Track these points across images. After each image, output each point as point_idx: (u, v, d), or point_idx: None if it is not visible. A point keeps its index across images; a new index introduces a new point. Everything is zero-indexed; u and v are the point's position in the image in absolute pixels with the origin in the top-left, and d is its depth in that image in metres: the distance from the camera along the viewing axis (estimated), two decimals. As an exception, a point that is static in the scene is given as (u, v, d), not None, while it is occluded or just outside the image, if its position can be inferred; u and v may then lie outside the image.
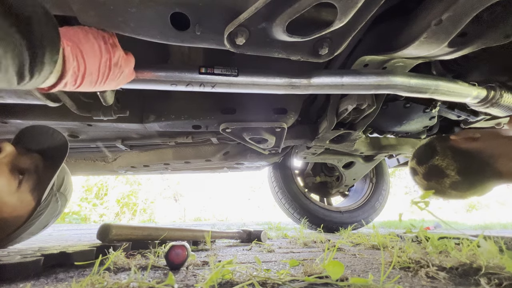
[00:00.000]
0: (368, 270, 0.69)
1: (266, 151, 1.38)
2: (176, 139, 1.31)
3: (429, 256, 0.70)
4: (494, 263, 0.60)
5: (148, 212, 8.07)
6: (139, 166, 1.56)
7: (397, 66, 0.84)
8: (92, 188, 7.12)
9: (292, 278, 0.56)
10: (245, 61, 0.90)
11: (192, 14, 0.54)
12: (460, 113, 1.21)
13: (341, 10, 0.51)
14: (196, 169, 1.91)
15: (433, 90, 0.81)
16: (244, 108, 1.09)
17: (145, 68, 0.69)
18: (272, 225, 2.48)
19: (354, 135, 1.26)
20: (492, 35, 0.66)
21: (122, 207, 7.45)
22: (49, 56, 0.42)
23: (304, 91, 0.77)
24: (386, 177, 2.26)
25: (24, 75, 0.41)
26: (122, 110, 0.92)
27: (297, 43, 0.62)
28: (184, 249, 0.69)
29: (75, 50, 0.48)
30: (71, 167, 1.57)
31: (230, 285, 0.53)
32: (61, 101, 0.78)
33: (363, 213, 2.11)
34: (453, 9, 0.57)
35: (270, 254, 0.97)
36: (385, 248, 1.01)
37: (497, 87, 0.87)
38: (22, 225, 0.73)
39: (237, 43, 0.58)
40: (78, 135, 1.20)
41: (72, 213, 6.06)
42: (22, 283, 0.56)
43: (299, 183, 2.16)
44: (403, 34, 0.72)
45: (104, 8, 0.51)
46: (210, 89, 0.73)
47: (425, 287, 0.53)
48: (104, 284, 0.51)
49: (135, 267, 0.69)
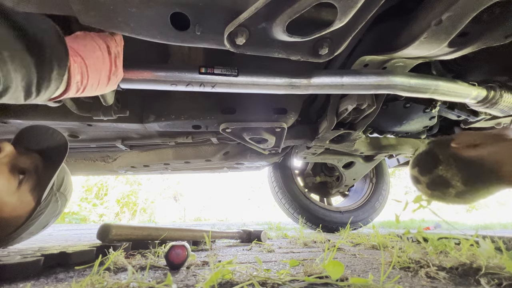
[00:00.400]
0: (368, 270, 0.69)
1: (266, 151, 1.38)
2: (176, 139, 1.31)
3: (429, 256, 0.70)
4: (494, 263, 0.60)
5: (148, 212, 8.07)
6: (139, 166, 1.56)
7: (397, 66, 0.84)
8: (92, 188, 7.12)
9: (292, 278, 0.56)
10: (245, 61, 0.90)
11: (192, 14, 0.54)
12: (460, 113, 1.21)
13: (341, 10, 0.51)
14: (196, 169, 1.91)
15: (433, 90, 0.81)
16: (244, 108, 1.09)
17: (146, 68, 0.69)
18: (272, 225, 2.48)
19: (354, 135, 1.26)
20: (492, 35, 0.66)
21: (122, 207, 7.45)
22: (56, 74, 0.43)
23: (304, 91, 0.77)
24: (386, 177, 2.26)
25: (31, 92, 0.42)
26: (122, 110, 0.92)
27: (297, 43, 0.62)
28: (184, 249, 0.69)
29: (81, 65, 0.49)
30: (71, 167, 1.57)
31: (230, 285, 0.53)
32: (61, 101, 0.78)
33: (363, 213, 2.11)
34: (453, 9, 0.57)
35: (270, 254, 0.97)
36: (385, 248, 1.01)
37: (497, 87, 0.87)
38: (22, 225, 0.73)
39: (237, 43, 0.58)
40: (78, 135, 1.20)
41: (72, 213, 6.06)
42: (22, 283, 0.56)
43: (299, 183, 2.16)
44: (403, 34, 0.72)
45: (104, 8, 0.51)
46: (210, 89, 0.73)
47: (425, 287, 0.53)
48: (104, 284, 0.51)
49: (135, 267, 0.69)
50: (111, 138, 1.29)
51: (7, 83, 0.37)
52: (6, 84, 0.37)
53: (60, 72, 0.44)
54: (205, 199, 9.94)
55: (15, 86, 0.39)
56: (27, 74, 0.39)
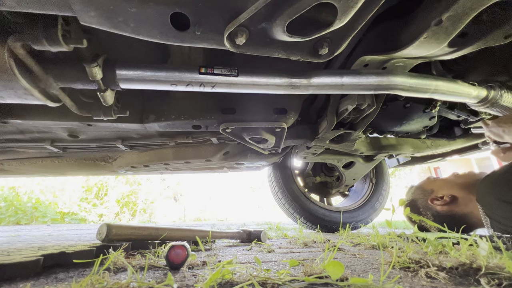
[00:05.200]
0: (368, 270, 0.69)
1: (266, 151, 1.38)
2: (176, 139, 1.31)
3: (429, 256, 0.70)
4: (494, 263, 0.60)
5: (148, 212, 8.06)
6: (139, 166, 1.56)
7: (397, 66, 0.84)
8: (92, 188, 7.11)
9: (292, 278, 0.56)
10: (245, 61, 0.90)
11: (192, 14, 0.54)
12: (460, 113, 1.21)
13: (341, 10, 0.52)
14: (196, 169, 1.91)
15: (433, 90, 0.81)
16: (244, 108, 1.09)
17: (146, 68, 0.69)
18: (272, 225, 2.48)
19: (354, 135, 1.26)
20: (492, 35, 0.66)
21: (122, 207, 7.44)
22: None
23: (304, 91, 0.77)
24: (386, 177, 2.26)
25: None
26: (122, 110, 0.92)
27: (297, 43, 0.62)
28: (184, 249, 0.69)
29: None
30: (71, 167, 1.57)
31: (230, 285, 0.53)
32: (61, 101, 0.78)
33: (363, 213, 2.11)
34: (453, 9, 0.57)
35: (270, 254, 0.97)
36: (385, 248, 1.01)
37: (497, 87, 0.88)
38: None
39: (237, 43, 0.58)
40: (78, 135, 1.20)
41: (72, 214, 6.07)
42: (22, 283, 0.56)
43: (299, 183, 2.16)
44: (403, 34, 0.72)
45: (104, 8, 0.51)
46: (210, 89, 0.73)
47: (425, 287, 0.53)
48: (104, 284, 0.51)
49: (135, 267, 0.69)
50: (111, 138, 1.29)
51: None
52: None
53: None
54: (205, 199, 9.93)
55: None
56: None
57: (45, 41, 0.57)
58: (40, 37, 0.57)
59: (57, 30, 0.57)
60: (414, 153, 1.65)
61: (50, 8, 0.51)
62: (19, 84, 0.62)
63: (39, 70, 0.65)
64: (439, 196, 1.35)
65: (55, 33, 0.57)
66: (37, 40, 0.57)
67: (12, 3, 0.49)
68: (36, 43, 0.57)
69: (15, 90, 0.64)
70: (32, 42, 0.57)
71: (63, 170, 1.62)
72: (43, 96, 0.70)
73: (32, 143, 1.23)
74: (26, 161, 1.49)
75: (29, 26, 0.57)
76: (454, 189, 1.34)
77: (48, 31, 0.57)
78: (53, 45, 0.58)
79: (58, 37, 0.57)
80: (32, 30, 0.57)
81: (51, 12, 0.51)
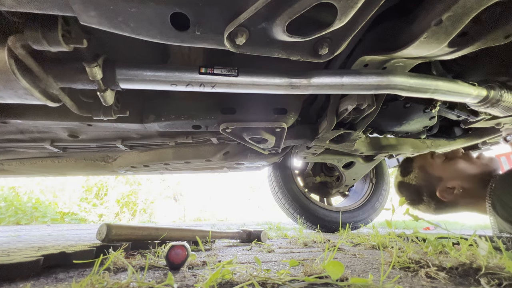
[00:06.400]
0: (368, 270, 0.69)
1: (266, 151, 1.38)
2: (176, 139, 1.31)
3: (429, 256, 0.70)
4: (494, 263, 0.60)
5: (148, 212, 8.06)
6: (139, 166, 1.56)
7: (397, 66, 0.84)
8: (92, 188, 7.11)
9: (292, 278, 0.56)
10: (245, 61, 0.90)
11: (192, 14, 0.54)
12: (460, 113, 1.21)
13: (341, 10, 0.52)
14: (196, 169, 1.91)
15: (433, 90, 0.81)
16: (244, 108, 1.09)
17: (146, 68, 0.69)
18: (272, 225, 2.48)
19: (354, 135, 1.26)
20: (492, 35, 0.66)
21: (122, 207, 7.44)
22: None
23: (304, 91, 0.77)
24: (386, 177, 2.26)
25: None
26: (122, 110, 0.92)
27: (297, 43, 0.62)
28: (184, 249, 0.69)
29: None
30: (71, 167, 1.57)
31: (230, 285, 0.53)
32: (61, 101, 0.78)
33: (363, 213, 2.11)
34: (453, 9, 0.57)
35: (270, 254, 0.97)
36: (385, 248, 1.01)
37: (497, 87, 0.87)
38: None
39: (237, 43, 0.58)
40: (78, 135, 1.19)
41: (72, 214, 6.07)
42: (22, 283, 0.56)
43: (299, 183, 2.16)
44: (403, 34, 0.72)
45: (104, 8, 0.51)
46: (210, 89, 0.73)
47: (425, 287, 0.53)
48: (104, 284, 0.50)
49: (135, 267, 0.69)
50: (111, 138, 1.29)
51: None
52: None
53: None
54: (205, 199, 9.93)
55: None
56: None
57: (45, 41, 0.57)
58: (40, 37, 0.57)
59: (57, 30, 0.57)
60: (414, 153, 1.65)
61: (50, 8, 0.51)
62: (19, 84, 0.62)
63: (39, 70, 0.65)
64: (449, 186, 1.21)
65: (55, 33, 0.57)
66: (37, 40, 0.57)
67: (12, 3, 0.49)
68: (36, 43, 0.57)
69: (15, 90, 0.64)
70: (32, 42, 0.57)
71: (63, 170, 1.61)
72: (43, 96, 0.70)
73: (32, 143, 1.23)
74: (26, 161, 1.49)
75: (29, 26, 0.56)
76: (466, 181, 1.19)
77: (48, 31, 0.57)
78: (53, 45, 0.58)
79: (58, 37, 0.57)
80: (32, 30, 0.56)
81: (51, 12, 0.51)
